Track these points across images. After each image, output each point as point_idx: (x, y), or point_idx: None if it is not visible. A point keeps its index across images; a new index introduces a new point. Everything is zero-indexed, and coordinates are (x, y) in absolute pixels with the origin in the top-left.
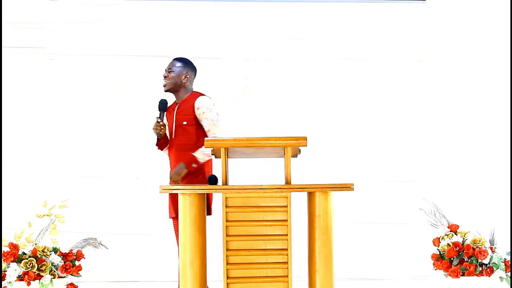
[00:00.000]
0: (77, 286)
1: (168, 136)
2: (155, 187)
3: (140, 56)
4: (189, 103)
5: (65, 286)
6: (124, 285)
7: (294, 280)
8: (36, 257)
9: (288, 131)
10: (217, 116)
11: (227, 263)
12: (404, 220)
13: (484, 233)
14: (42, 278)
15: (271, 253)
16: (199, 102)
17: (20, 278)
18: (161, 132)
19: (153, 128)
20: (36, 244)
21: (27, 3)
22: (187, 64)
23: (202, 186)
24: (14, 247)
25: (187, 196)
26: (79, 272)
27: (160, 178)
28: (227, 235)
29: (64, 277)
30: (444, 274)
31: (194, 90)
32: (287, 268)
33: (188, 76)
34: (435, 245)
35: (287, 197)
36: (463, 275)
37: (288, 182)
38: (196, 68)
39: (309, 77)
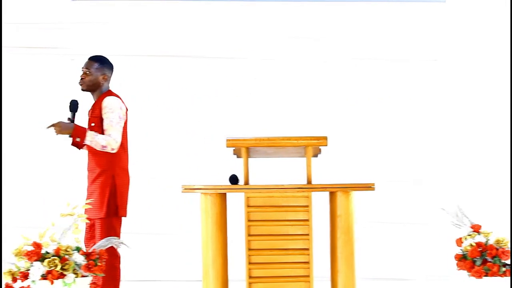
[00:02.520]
0: (100, 285)
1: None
2: (177, 186)
3: (157, 56)
4: (98, 103)
5: (88, 285)
6: (146, 284)
7: (316, 280)
8: (59, 256)
9: (308, 131)
10: (118, 119)
11: (249, 263)
12: (425, 220)
13: (506, 233)
14: (65, 277)
15: (292, 252)
16: (105, 102)
17: (44, 277)
18: (57, 133)
19: (50, 127)
20: (59, 243)
21: (49, 5)
22: (104, 64)
23: (224, 186)
24: (37, 246)
25: (209, 196)
26: (101, 271)
27: (181, 177)
28: (249, 235)
29: (87, 276)
30: (467, 275)
31: (109, 89)
32: (309, 268)
33: (105, 76)
34: (458, 245)
35: (308, 197)
36: (486, 275)
37: (309, 181)
38: (113, 66)
39: (327, 77)
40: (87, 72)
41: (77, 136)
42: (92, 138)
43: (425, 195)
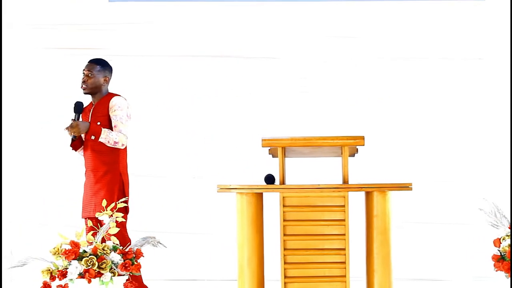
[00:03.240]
0: (137, 284)
1: (83, 137)
2: (213, 186)
3: (196, 56)
4: (104, 103)
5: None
6: (183, 283)
7: (352, 280)
8: (96, 255)
9: (345, 131)
10: (127, 117)
11: (285, 263)
12: (463, 220)
13: None
14: (103, 276)
15: (328, 252)
16: (113, 101)
17: (81, 275)
18: (76, 134)
19: (67, 129)
20: (96, 242)
21: (86, 5)
22: (105, 66)
23: (260, 186)
24: (75, 245)
25: (245, 196)
26: (138, 270)
27: (217, 177)
28: (284, 235)
29: (123, 275)
30: (505, 276)
31: (109, 91)
32: (345, 268)
33: (107, 78)
34: (495, 246)
35: (344, 197)
36: None
37: (345, 181)
38: (112, 68)
39: (365, 77)
40: (90, 75)
41: (93, 134)
42: (106, 135)
43: (463, 195)
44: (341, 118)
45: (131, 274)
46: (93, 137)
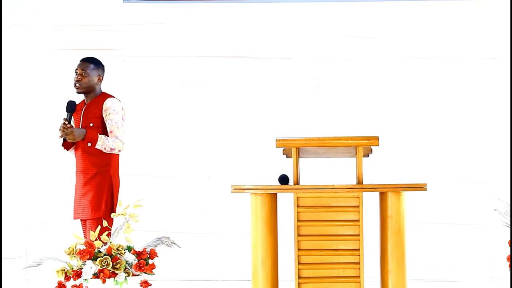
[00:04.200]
0: (151, 284)
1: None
2: (227, 186)
3: (212, 57)
4: (97, 104)
5: (139, 284)
6: (197, 283)
7: (366, 281)
8: (111, 255)
9: (359, 131)
10: (122, 121)
11: (299, 263)
12: (477, 220)
13: None
14: (117, 276)
15: (343, 253)
16: (108, 103)
17: (96, 275)
18: (71, 141)
19: (59, 129)
20: (111, 242)
21: (101, 6)
22: (99, 65)
23: (274, 186)
24: (90, 245)
25: (259, 196)
26: (152, 270)
27: (231, 178)
28: (298, 235)
29: (138, 275)
30: None
31: (103, 90)
32: (359, 269)
33: (100, 77)
34: (510, 247)
35: (359, 197)
36: None
37: (359, 182)
38: (105, 66)
39: (379, 76)
40: (84, 74)
41: (89, 141)
42: (102, 142)
43: (478, 196)
44: (355, 118)
45: None
46: (89, 144)
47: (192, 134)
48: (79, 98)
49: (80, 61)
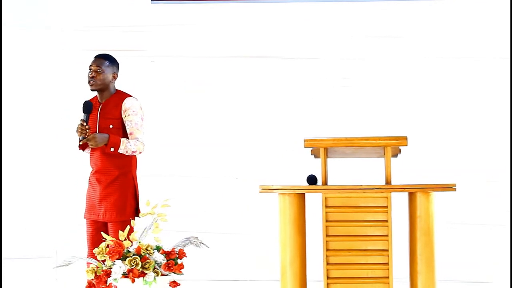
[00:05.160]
0: (180, 284)
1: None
2: (255, 186)
3: (240, 57)
4: (114, 103)
5: (168, 284)
6: (225, 284)
7: (395, 282)
8: (140, 255)
9: (387, 131)
10: (141, 121)
11: (327, 263)
12: (507, 221)
13: None
14: (146, 275)
15: (371, 254)
16: (127, 104)
17: (125, 275)
18: (86, 136)
19: (77, 131)
20: (139, 242)
21: (129, 7)
22: (114, 62)
23: (302, 186)
24: (119, 245)
25: (287, 196)
26: (181, 270)
27: (259, 178)
28: (327, 235)
29: (167, 275)
30: None
31: (117, 88)
32: (388, 269)
33: (115, 74)
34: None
35: (387, 198)
36: None
37: (388, 182)
38: (119, 64)
39: (407, 76)
40: (99, 70)
41: (112, 146)
42: (125, 146)
43: (508, 196)
44: (383, 118)
45: None
46: (112, 149)
47: (220, 134)
48: (90, 96)
49: (95, 57)
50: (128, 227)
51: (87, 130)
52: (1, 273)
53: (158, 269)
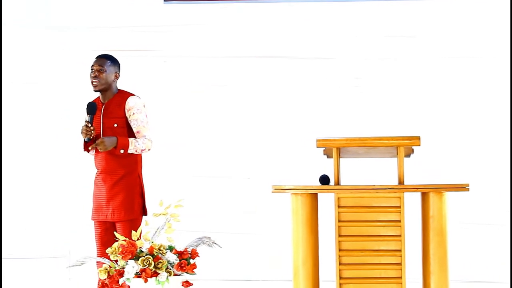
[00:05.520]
0: (192, 284)
1: (96, 138)
2: (267, 186)
3: (253, 57)
4: (117, 103)
5: (181, 284)
6: (238, 283)
7: (408, 282)
8: (152, 255)
9: (401, 131)
10: (146, 118)
11: (340, 264)
12: None
13: None
14: (159, 275)
15: (384, 254)
16: (130, 103)
17: (138, 275)
18: (91, 137)
19: (81, 132)
20: (152, 242)
21: (141, 7)
22: (115, 62)
23: (315, 186)
24: (132, 245)
25: (299, 196)
26: (194, 270)
27: (271, 178)
28: (339, 236)
29: (179, 275)
30: None
31: (119, 88)
32: (401, 270)
33: (117, 74)
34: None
35: (400, 198)
36: None
37: (401, 182)
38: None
39: (420, 76)
40: (101, 70)
41: (121, 148)
42: (134, 146)
43: None
44: (396, 118)
45: None
46: (122, 151)
47: (233, 134)
48: (94, 97)
49: (96, 57)
50: (141, 226)
51: (92, 131)
52: (0, 272)
53: (170, 269)
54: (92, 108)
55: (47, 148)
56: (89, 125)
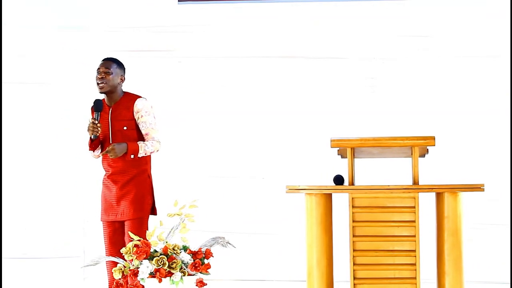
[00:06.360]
0: (206, 284)
1: (103, 140)
2: (281, 186)
3: (267, 57)
4: (125, 105)
5: (195, 284)
6: (252, 284)
7: (422, 282)
8: (167, 255)
9: (415, 131)
10: (154, 119)
11: (354, 264)
12: None
13: None
14: (173, 275)
15: (398, 254)
16: (138, 105)
17: (152, 275)
18: (97, 134)
19: (88, 129)
20: (166, 242)
21: (156, 8)
22: (121, 65)
23: (329, 186)
24: (146, 245)
25: (313, 196)
26: (208, 270)
27: (286, 178)
28: (354, 236)
29: (193, 275)
30: None
31: (124, 90)
32: (415, 270)
33: (122, 78)
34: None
35: (414, 198)
36: None
37: (415, 182)
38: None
39: (434, 76)
40: (107, 72)
41: (132, 153)
42: (144, 150)
43: None
44: (411, 118)
45: None
46: (132, 156)
47: (247, 134)
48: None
49: (102, 60)
50: (154, 226)
51: (99, 128)
52: (0, 272)
53: (185, 269)
54: (99, 105)
55: (58, 148)
56: (96, 122)
